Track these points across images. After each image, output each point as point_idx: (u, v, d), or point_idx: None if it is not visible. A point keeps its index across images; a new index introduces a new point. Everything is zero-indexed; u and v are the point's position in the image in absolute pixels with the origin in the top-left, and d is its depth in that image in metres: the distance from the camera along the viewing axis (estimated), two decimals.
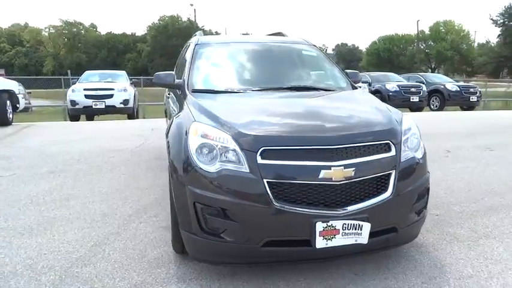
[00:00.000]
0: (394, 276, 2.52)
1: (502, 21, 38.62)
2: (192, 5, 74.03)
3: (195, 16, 50.26)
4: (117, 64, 57.56)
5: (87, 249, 2.94)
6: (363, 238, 2.19)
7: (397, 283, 2.44)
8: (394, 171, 2.34)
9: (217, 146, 2.27)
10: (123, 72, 13.80)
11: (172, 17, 62.18)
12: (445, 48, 50.21)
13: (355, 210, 2.18)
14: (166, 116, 5.31)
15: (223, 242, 2.22)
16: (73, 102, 11.45)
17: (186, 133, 2.43)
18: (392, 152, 2.37)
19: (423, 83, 15.16)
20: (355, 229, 2.16)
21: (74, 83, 12.07)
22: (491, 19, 38.82)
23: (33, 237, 3.13)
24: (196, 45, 3.69)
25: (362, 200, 2.23)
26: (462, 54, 50.83)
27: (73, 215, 3.58)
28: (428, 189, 2.57)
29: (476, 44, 53.95)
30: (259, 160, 2.17)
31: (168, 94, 4.86)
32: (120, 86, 11.86)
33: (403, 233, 2.46)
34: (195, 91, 3.10)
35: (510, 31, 37.84)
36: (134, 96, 12.19)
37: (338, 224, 2.13)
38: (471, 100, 15.39)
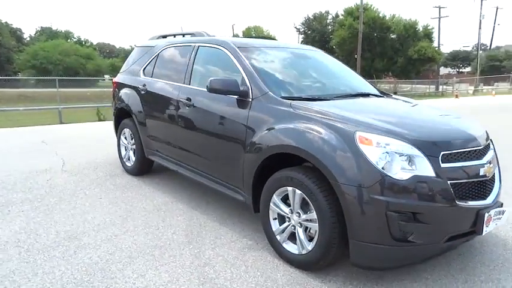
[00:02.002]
0: (495, 245, 3.06)
1: (303, 29, 45.78)
2: None
3: None
4: None
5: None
6: (501, 222, 2.63)
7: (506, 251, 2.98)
8: (498, 163, 2.86)
9: (397, 153, 2.32)
10: None
11: None
12: None
13: (496, 199, 2.59)
14: (132, 118, 4.58)
15: (412, 245, 2.30)
16: None
17: (351, 143, 2.37)
18: (492, 147, 2.89)
19: None
20: (499, 214, 2.57)
21: None
22: (295, 27, 45.56)
23: None
24: (238, 48, 3.40)
25: (493, 190, 2.66)
26: None
27: (118, 255, 2.87)
28: None
29: None
30: (442, 164, 2.35)
31: (142, 98, 4.25)
32: None
33: None
34: (286, 98, 2.93)
35: (310, 38, 45.19)
36: None
37: (492, 212, 2.50)
38: None
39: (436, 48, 39.20)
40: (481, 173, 2.48)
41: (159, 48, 4.44)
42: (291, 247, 2.74)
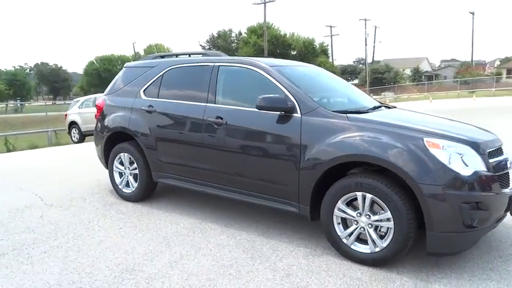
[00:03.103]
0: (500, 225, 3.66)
1: (208, 47, 46.63)
2: None
3: None
4: None
5: None
6: None
7: None
8: None
9: (458, 153, 2.75)
10: None
11: None
12: None
13: None
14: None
15: (476, 230, 2.74)
16: None
17: (422, 148, 2.74)
18: None
19: None
20: None
21: None
22: (201, 45, 46.24)
23: None
24: (271, 67, 3.59)
25: (510, 179, 3.24)
26: None
27: (196, 280, 2.83)
28: None
29: None
30: (489, 160, 2.85)
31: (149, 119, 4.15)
32: None
33: None
34: (339, 112, 3.22)
35: None
36: None
37: None
38: None
39: (332, 63, 43.05)
40: (508, 165, 3.06)
41: (162, 68, 4.37)
42: (361, 248, 3.00)
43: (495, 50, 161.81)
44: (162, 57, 4.68)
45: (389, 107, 4.02)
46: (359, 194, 2.94)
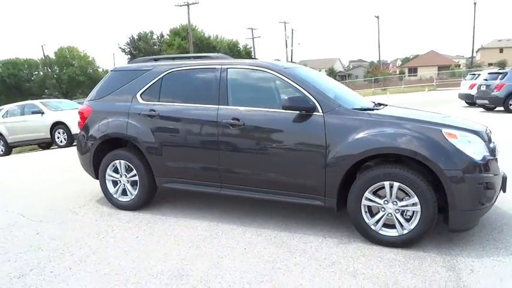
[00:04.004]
0: None
1: (128, 49, 44.76)
2: None
3: None
4: None
5: None
6: None
7: None
8: None
9: (470, 142, 3.19)
10: None
11: None
12: (76, 74, 51.46)
13: None
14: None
15: (486, 207, 3.20)
16: None
17: (442, 139, 3.12)
18: None
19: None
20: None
21: None
22: (120, 48, 44.15)
23: None
24: (286, 69, 3.75)
25: None
26: (92, 78, 53.60)
27: (251, 276, 2.91)
28: None
29: (101, 69, 58.12)
30: (490, 146, 3.34)
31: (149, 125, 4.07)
32: None
33: None
34: (357, 109, 3.49)
35: (135, 57, 44.55)
36: None
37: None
38: None
39: None
40: (497, 150, 3.59)
41: (161, 71, 4.27)
42: (389, 232, 3.31)
43: (394, 51, 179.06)
44: (156, 60, 4.57)
45: (383, 105, 4.42)
46: (386, 183, 3.24)
